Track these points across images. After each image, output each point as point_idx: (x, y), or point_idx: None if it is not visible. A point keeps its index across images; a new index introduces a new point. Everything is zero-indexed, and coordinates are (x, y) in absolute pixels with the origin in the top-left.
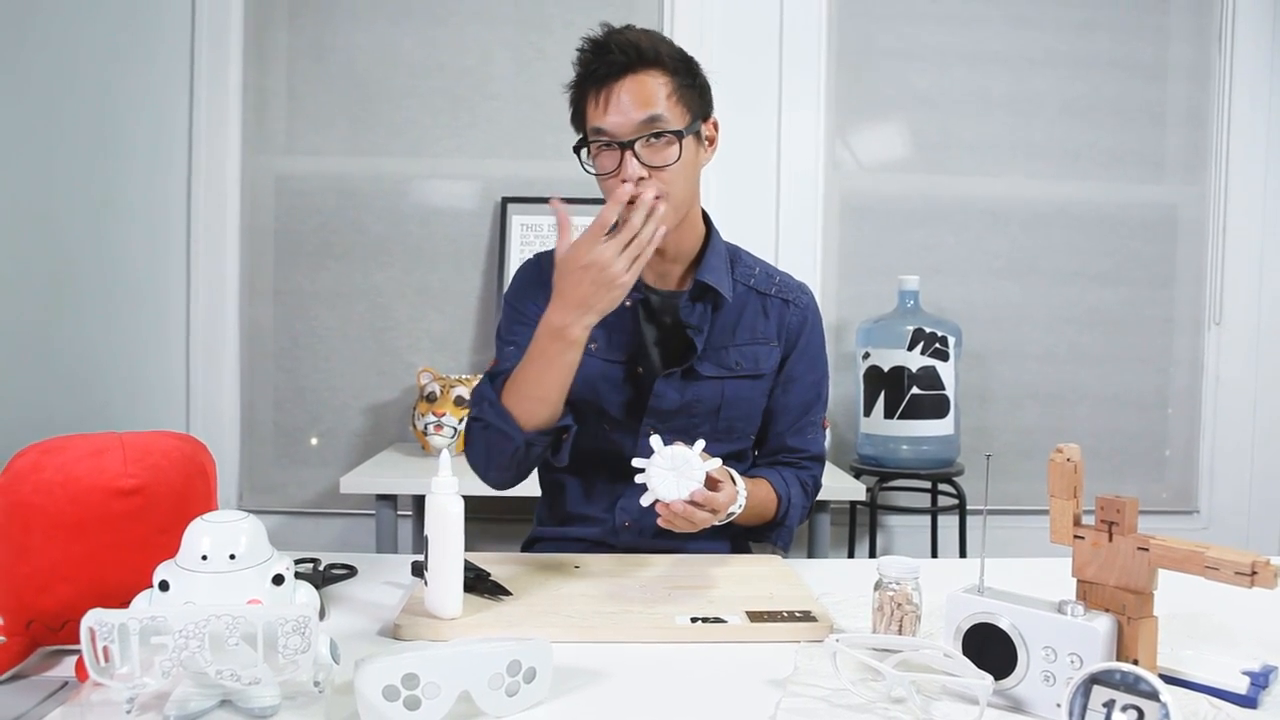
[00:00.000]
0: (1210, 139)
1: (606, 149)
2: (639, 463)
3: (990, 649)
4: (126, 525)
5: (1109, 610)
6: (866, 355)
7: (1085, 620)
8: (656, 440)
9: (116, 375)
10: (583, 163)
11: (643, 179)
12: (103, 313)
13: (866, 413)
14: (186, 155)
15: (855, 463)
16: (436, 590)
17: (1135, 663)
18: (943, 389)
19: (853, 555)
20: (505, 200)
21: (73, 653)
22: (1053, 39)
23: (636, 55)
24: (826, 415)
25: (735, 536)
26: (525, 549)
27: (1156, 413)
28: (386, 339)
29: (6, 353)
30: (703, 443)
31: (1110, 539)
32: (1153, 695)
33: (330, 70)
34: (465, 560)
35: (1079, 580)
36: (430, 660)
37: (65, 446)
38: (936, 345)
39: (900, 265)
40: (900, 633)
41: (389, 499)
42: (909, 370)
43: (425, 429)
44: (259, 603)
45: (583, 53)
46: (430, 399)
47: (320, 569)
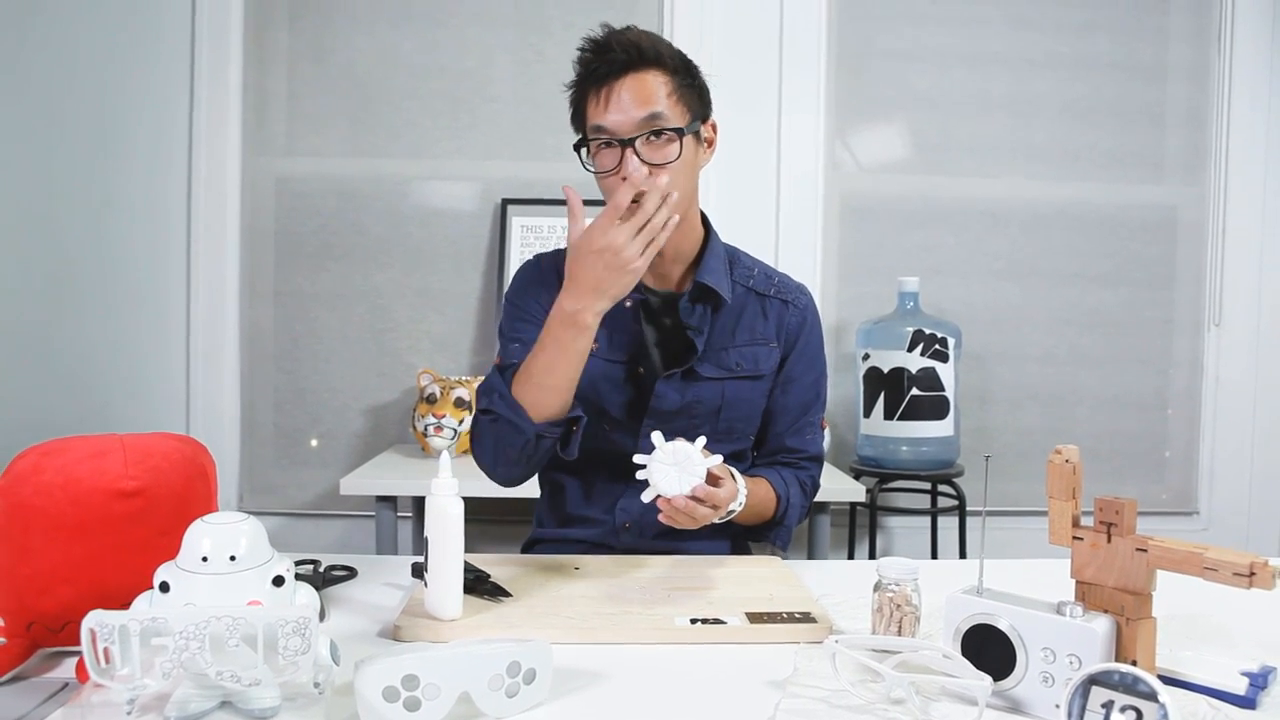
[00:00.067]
0: (1210, 140)
1: (607, 147)
2: (640, 459)
3: (989, 650)
4: (127, 527)
5: (1108, 611)
6: (866, 356)
7: (1084, 621)
8: (658, 436)
9: (116, 376)
10: (583, 162)
11: (648, 178)
12: (103, 314)
13: (866, 414)
14: (186, 156)
15: (855, 464)
16: (436, 592)
17: (1134, 664)
18: (942, 390)
19: (852, 556)
20: (505, 202)
21: (73, 654)
22: (1053, 40)
23: (638, 54)
24: (825, 416)
25: (735, 537)
26: (525, 550)
27: (1156, 414)
28: (386, 340)
29: (6, 354)
30: (704, 439)
31: (1109, 540)
32: (1151, 696)
33: (330, 72)
34: (465, 562)
35: (1078, 581)
36: (430, 661)
37: (66, 448)
38: (936, 346)
39: (900, 266)
40: (899, 634)
41: (389, 500)
42: (909, 371)
43: (425, 430)
44: (259, 604)
45: (584, 52)
46: (430, 400)
47: (320, 570)
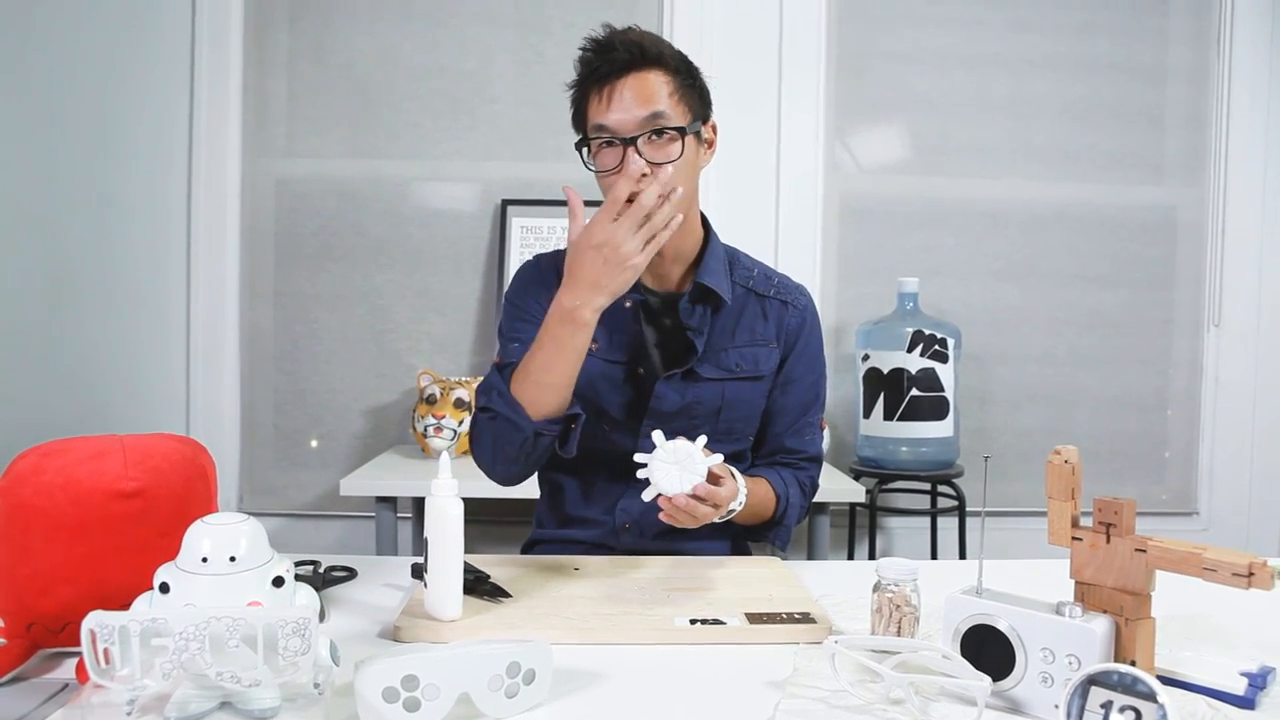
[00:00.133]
0: (1209, 141)
1: (608, 146)
2: (641, 457)
3: (988, 650)
4: (127, 528)
5: (1107, 611)
6: (866, 357)
7: (1083, 621)
8: (659, 434)
9: (117, 377)
10: (584, 161)
11: (645, 175)
12: (103, 314)
13: (866, 414)
14: (187, 157)
15: (855, 464)
16: (436, 592)
17: (1133, 664)
18: (942, 391)
19: (852, 557)
20: (505, 203)
21: (73, 655)
22: (1052, 42)
23: (640, 54)
24: (825, 417)
25: (734, 537)
26: (525, 551)
27: (1156, 414)
28: (386, 341)
29: (6, 354)
30: (704, 438)
31: (1108, 540)
32: (1150, 696)
33: (330, 73)
34: (465, 562)
35: (1077, 582)
36: (430, 662)
37: (66, 449)
38: (936, 347)
39: (900, 267)
40: (899, 634)
41: (389, 501)
42: (908, 372)
43: (425, 431)
44: (259, 605)
45: (585, 51)
46: (430, 401)
47: (320, 571)
